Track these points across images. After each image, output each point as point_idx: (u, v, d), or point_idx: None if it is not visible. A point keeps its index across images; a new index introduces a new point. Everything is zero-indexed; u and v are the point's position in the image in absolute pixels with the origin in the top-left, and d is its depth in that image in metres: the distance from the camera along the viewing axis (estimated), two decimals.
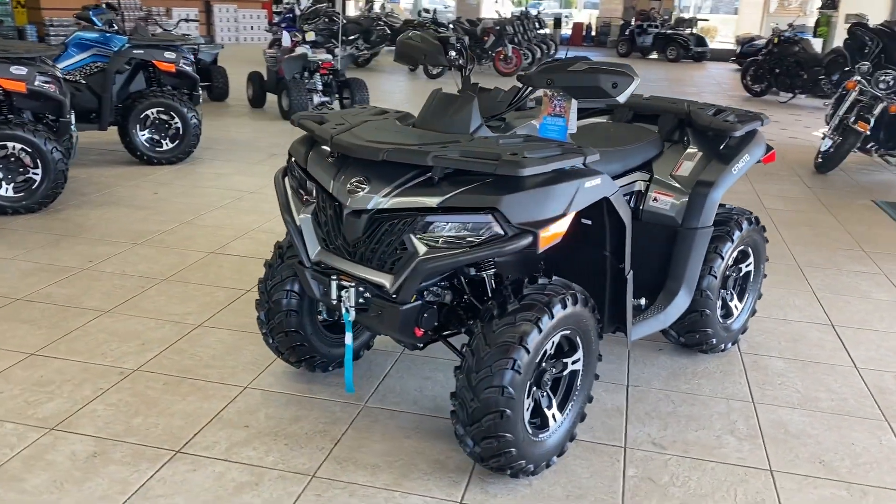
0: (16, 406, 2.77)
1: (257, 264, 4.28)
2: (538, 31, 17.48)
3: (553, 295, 2.34)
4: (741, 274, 3.42)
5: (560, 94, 2.71)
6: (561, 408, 2.53)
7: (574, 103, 2.70)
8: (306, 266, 2.60)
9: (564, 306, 2.34)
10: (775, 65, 12.49)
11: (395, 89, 12.72)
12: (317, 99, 9.38)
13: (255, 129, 8.42)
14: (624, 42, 21.49)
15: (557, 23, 24.98)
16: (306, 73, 9.34)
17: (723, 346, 3.35)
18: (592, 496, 2.40)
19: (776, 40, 12.43)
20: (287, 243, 2.87)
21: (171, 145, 6.54)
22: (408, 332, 2.43)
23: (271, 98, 9.84)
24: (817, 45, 13.77)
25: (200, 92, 6.92)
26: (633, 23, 21.46)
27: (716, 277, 3.14)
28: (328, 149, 2.58)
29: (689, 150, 3.18)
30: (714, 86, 14.91)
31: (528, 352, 2.24)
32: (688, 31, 20.88)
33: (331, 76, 9.48)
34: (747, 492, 2.46)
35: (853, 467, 2.61)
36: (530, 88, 2.69)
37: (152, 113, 6.40)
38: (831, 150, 7.22)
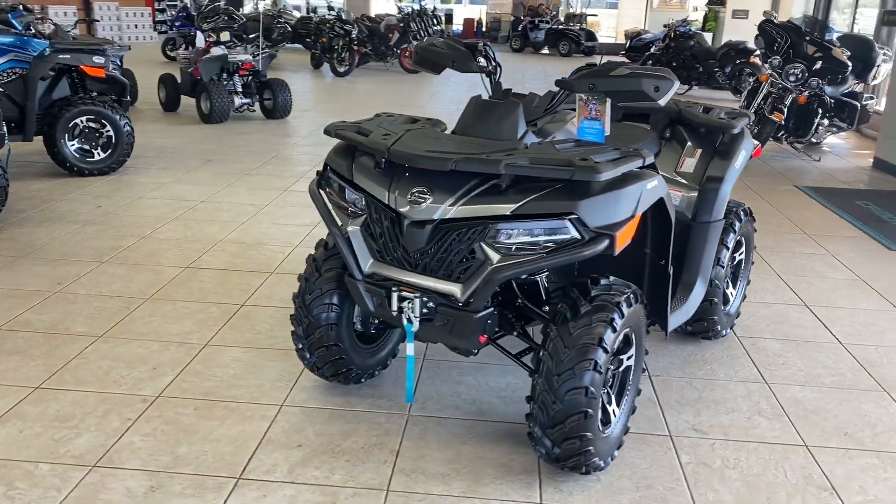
0: (44, 445, 2.58)
1: (240, 278, 4.14)
2: (436, 28, 17.61)
3: (619, 294, 2.41)
4: (735, 262, 3.62)
5: (595, 98, 2.79)
6: (618, 402, 2.62)
7: (608, 106, 2.78)
8: (358, 279, 2.56)
9: (630, 305, 2.42)
10: (672, 58, 13.13)
11: (304, 88, 12.49)
12: (238, 101, 9.11)
13: (179, 135, 8.07)
14: (517, 37, 21.97)
15: (449, 18, 25.21)
16: (224, 75, 9.05)
17: (724, 331, 3.54)
18: (660, 485, 2.50)
19: (672, 35, 13.07)
20: (323, 256, 2.81)
21: (102, 155, 6.18)
22: (475, 339, 2.45)
23: (185, 101, 9.45)
24: (708, 39, 14.57)
25: (128, 98, 6.58)
26: (523, 18, 21.97)
27: (723, 267, 3.32)
28: (374, 159, 2.55)
29: (688, 147, 3.34)
30: None
31: (605, 351, 2.31)
32: (577, 26, 21.58)
33: (251, 77, 9.22)
34: (793, 467, 2.62)
35: (874, 436, 2.84)
36: (566, 93, 2.75)
37: (81, 121, 6.03)
38: None
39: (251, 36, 13.46)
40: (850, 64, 7.59)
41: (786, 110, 7.54)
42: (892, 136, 7.39)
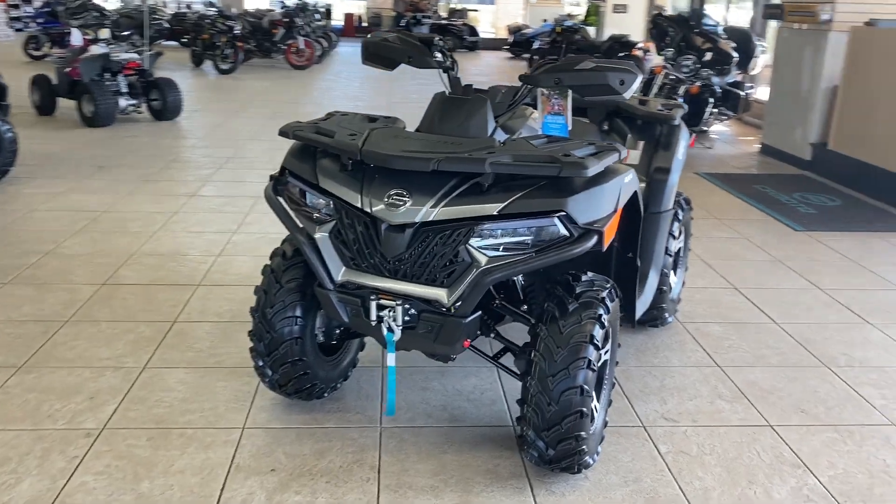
0: None
1: (166, 292, 3.86)
2: (318, 23, 17.27)
3: (602, 290, 2.39)
4: (676, 250, 3.71)
5: (557, 93, 2.76)
6: (597, 397, 2.60)
7: (570, 101, 2.76)
8: (330, 289, 2.42)
9: (612, 299, 2.41)
10: (558, 53, 13.44)
11: (189, 88, 11.93)
12: (123, 102, 8.55)
13: (62, 140, 7.49)
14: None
15: (328, 13, 24.80)
16: (107, 75, 8.47)
17: (670, 318, 3.62)
18: (647, 478, 2.51)
19: (559, 29, 13.38)
20: (282, 266, 2.64)
21: None
22: (460, 344, 2.37)
23: (63, 104, 8.77)
24: (591, 33, 15.02)
25: (9, 102, 6.03)
26: (405, 13, 21.93)
27: (671, 256, 3.38)
28: (340, 160, 2.41)
29: (629, 140, 3.38)
30: (500, 74, 15.70)
31: (597, 348, 2.28)
32: (460, 21, 21.75)
33: (136, 77, 8.68)
34: (764, 448, 2.70)
35: (827, 411, 2.97)
36: (529, 88, 2.70)
37: None
38: None
39: (125, 33, 12.72)
40: (736, 55, 7.99)
41: (680, 100, 7.85)
42: (776, 123, 7.84)
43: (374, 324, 2.38)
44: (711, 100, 8.00)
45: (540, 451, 2.35)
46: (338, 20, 26.56)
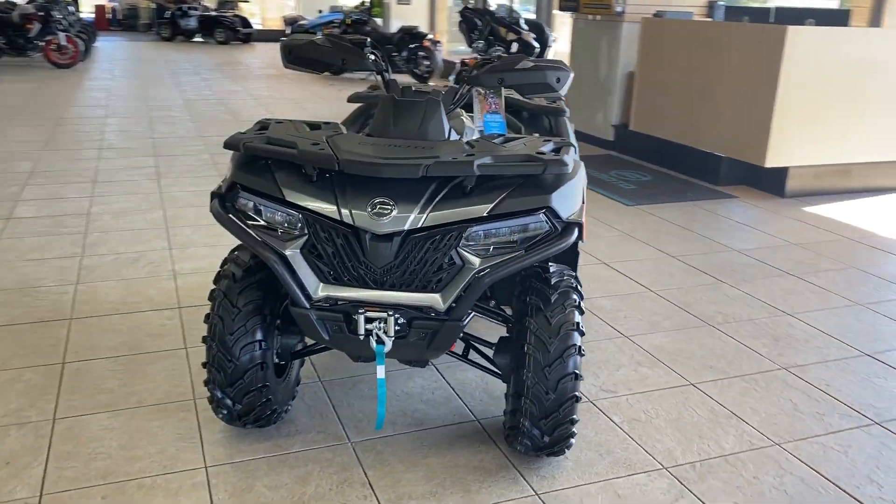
0: None
1: (35, 331, 3.41)
2: (71, 16, 15.74)
3: (571, 278, 2.51)
4: None
5: (492, 92, 2.82)
6: None
7: (503, 99, 2.84)
8: (307, 308, 2.31)
9: (580, 285, 2.54)
10: None
11: None
12: None
13: None
14: (166, 25, 20.56)
15: (76, 4, 22.63)
16: None
17: None
18: (618, 448, 2.69)
19: (349, 21, 13.35)
20: (236, 288, 2.46)
21: None
22: (448, 348, 2.37)
23: None
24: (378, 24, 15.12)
25: None
26: (167, 5, 20.60)
27: None
28: (304, 172, 2.30)
29: (523, 132, 3.53)
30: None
31: (581, 334, 2.40)
32: (231, 13, 20.87)
33: None
34: (696, 405, 3.00)
35: (729, 364, 3.35)
36: (469, 88, 2.73)
37: None
38: None
39: None
40: (537, 45, 8.53)
41: None
42: (579, 108, 8.49)
43: (361, 338, 2.31)
44: None
45: (535, 439, 2.43)
46: (87, 13, 24.31)
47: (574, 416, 2.40)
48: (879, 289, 4.26)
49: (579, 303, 2.43)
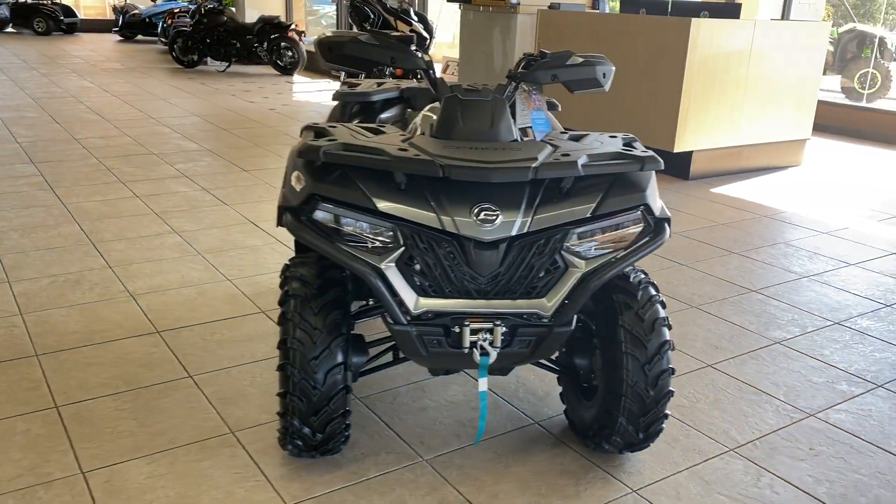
0: None
1: (5, 373, 2.95)
2: None
3: (643, 273, 2.52)
4: None
5: (535, 90, 2.77)
6: None
7: (545, 97, 2.80)
8: (405, 324, 2.16)
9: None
10: (206, 35, 12.69)
11: None
12: None
13: None
14: None
15: None
16: None
17: None
18: (681, 436, 2.75)
19: (203, 11, 12.60)
20: (314, 307, 2.26)
21: None
22: (552, 355, 2.32)
23: None
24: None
25: None
26: None
27: None
28: (396, 180, 2.15)
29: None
30: (134, 59, 14.26)
31: (669, 328, 2.42)
32: (50, 0, 19.04)
33: None
34: (723, 385, 3.13)
35: (730, 342, 3.52)
36: (516, 85, 2.66)
37: None
38: None
39: None
40: (427, 35, 8.49)
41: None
42: None
43: (466, 351, 2.20)
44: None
45: (630, 436, 2.42)
46: None
47: (668, 412, 2.43)
48: (813, 261, 4.65)
49: (660, 298, 2.45)
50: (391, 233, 2.14)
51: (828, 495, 2.44)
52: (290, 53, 12.61)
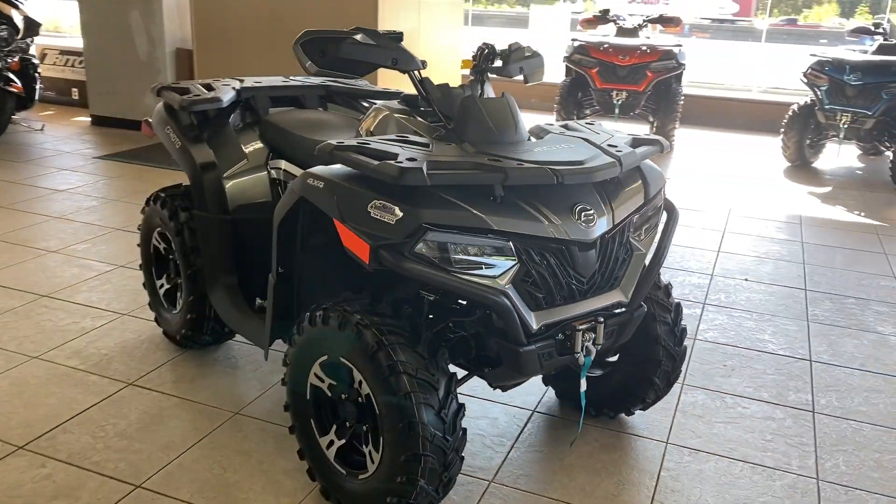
0: None
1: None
2: None
3: None
4: None
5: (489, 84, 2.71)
6: None
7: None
8: (527, 345, 2.05)
9: None
10: None
11: None
12: None
13: None
14: None
15: None
16: None
17: None
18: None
19: None
20: (421, 352, 1.98)
21: None
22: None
23: None
24: None
25: None
26: None
27: None
28: (493, 194, 1.99)
29: None
30: None
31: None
32: None
33: None
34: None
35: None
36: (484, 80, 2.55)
37: None
38: None
39: None
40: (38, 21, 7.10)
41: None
42: (111, 93, 7.47)
43: (577, 355, 2.15)
44: (38, 73, 7.05)
45: (660, 392, 2.67)
46: None
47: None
48: None
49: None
50: (508, 251, 1.98)
51: None
52: None
